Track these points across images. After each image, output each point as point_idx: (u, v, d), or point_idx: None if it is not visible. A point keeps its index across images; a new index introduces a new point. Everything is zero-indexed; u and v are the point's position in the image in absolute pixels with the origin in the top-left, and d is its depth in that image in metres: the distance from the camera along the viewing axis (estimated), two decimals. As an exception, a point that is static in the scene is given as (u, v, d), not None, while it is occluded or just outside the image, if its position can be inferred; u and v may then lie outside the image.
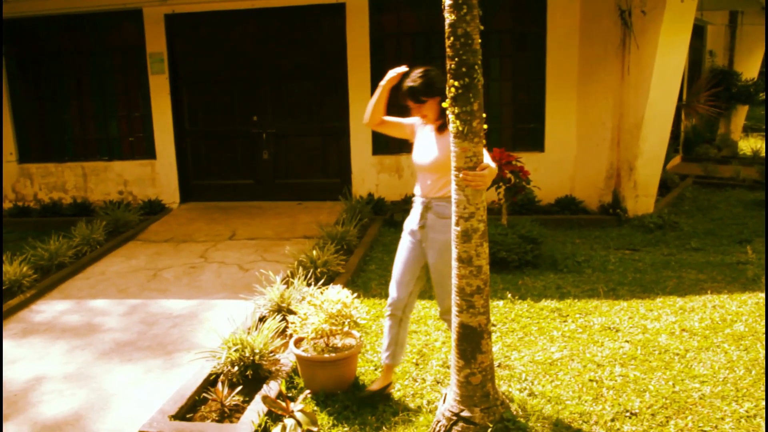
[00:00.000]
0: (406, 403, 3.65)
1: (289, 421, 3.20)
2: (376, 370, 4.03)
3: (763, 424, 3.33)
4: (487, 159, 3.08)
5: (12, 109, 9.00)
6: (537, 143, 8.12)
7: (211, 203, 8.80)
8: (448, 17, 2.92)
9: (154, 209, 8.51)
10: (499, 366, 4.02)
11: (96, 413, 3.73)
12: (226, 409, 3.56)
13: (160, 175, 8.78)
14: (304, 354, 3.73)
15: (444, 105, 3.05)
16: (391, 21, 8.19)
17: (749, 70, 12.67)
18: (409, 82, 3.40)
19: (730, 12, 12.15)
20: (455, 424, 3.17)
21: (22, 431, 3.57)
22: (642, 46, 7.26)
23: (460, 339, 3.17)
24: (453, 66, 2.94)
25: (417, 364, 4.10)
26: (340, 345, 3.81)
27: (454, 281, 3.16)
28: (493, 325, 4.62)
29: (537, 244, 5.99)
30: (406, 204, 6.60)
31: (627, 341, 4.35)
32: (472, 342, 3.15)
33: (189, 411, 3.61)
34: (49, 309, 5.43)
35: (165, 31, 8.39)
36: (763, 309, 4.80)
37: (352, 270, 5.79)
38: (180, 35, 8.51)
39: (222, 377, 3.81)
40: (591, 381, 3.82)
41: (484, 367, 3.18)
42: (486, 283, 3.14)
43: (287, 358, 4.05)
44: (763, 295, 5.08)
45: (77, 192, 9.01)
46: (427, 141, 3.49)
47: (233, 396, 3.61)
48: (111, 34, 8.67)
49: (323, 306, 3.71)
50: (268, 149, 8.67)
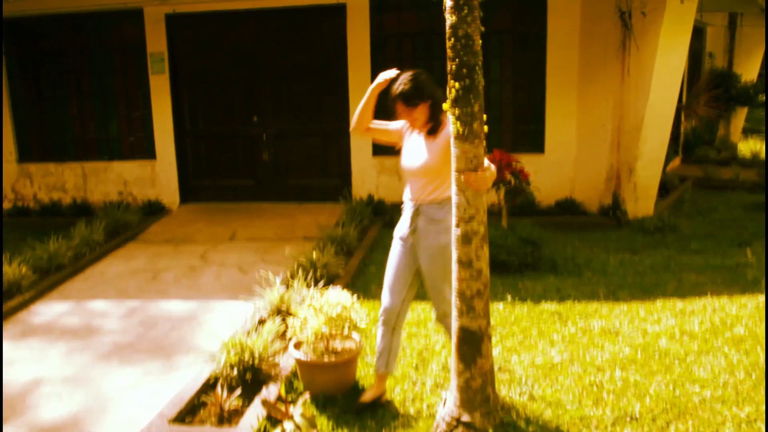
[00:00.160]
0: (406, 407, 3.64)
1: (288, 425, 3.19)
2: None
3: (763, 428, 3.33)
4: (485, 161, 3.07)
5: (12, 108, 8.99)
6: (537, 145, 8.12)
7: (211, 204, 8.78)
8: (449, 18, 2.91)
9: (154, 210, 8.50)
10: (499, 369, 4.01)
11: (94, 416, 3.71)
12: (225, 413, 3.55)
13: (160, 175, 8.77)
14: (303, 357, 3.72)
15: (444, 107, 3.04)
16: (391, 22, 8.19)
17: (748, 72, 12.67)
18: (399, 87, 3.35)
19: (730, 14, 12.15)
20: (455, 428, 3.16)
21: (20, 434, 3.57)
22: (642, 47, 7.26)
23: (460, 342, 3.16)
24: (454, 67, 2.93)
25: (417, 368, 4.09)
26: (339, 348, 3.80)
27: (454, 284, 3.15)
28: (493, 328, 4.61)
29: (537, 247, 5.98)
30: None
31: (627, 344, 4.34)
32: (473, 346, 3.14)
33: (188, 414, 3.60)
34: (48, 310, 5.41)
35: (165, 30, 8.38)
36: (764, 312, 4.80)
37: (351, 272, 5.79)
38: (180, 35, 8.50)
39: (221, 380, 3.80)
40: (591, 385, 3.82)
41: (485, 371, 3.17)
42: (486, 287, 3.13)
43: (287, 361, 4.04)
44: (763, 298, 5.07)
45: (77, 192, 8.99)
46: (416, 145, 3.45)
47: (232, 399, 3.59)
48: (111, 34, 8.66)
49: (323, 309, 3.70)
50: (268, 150, 8.66)
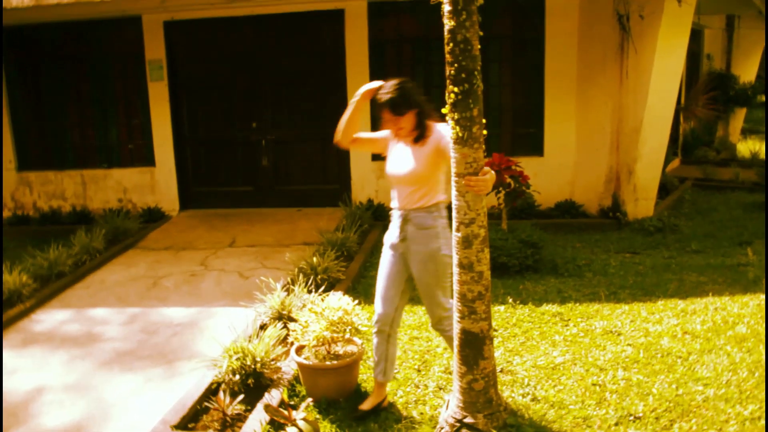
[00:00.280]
0: (408, 410, 3.63)
1: (291, 430, 3.19)
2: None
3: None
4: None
5: (11, 116, 8.99)
6: (536, 148, 8.13)
7: (210, 210, 8.78)
8: (448, 23, 2.92)
9: (154, 217, 8.50)
10: (501, 371, 4.01)
11: (97, 424, 3.71)
12: (228, 419, 3.55)
13: (159, 182, 8.77)
14: (305, 362, 3.72)
15: (443, 111, 3.04)
16: (389, 27, 8.20)
17: (747, 73, 12.71)
18: (386, 95, 3.31)
19: (727, 16, 12.19)
20: (458, 430, 3.16)
21: (22, 442, 3.56)
22: (640, 50, 7.28)
23: (462, 345, 3.16)
24: (452, 72, 2.94)
25: (419, 371, 4.09)
26: (341, 352, 3.80)
27: (455, 287, 3.15)
28: (495, 330, 4.61)
29: (537, 249, 5.98)
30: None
31: (629, 345, 4.34)
32: (475, 348, 3.14)
33: (191, 421, 3.60)
34: (49, 318, 5.41)
35: (164, 37, 8.39)
36: (765, 311, 4.79)
37: (352, 276, 5.78)
38: (179, 42, 8.52)
39: (223, 386, 3.80)
40: (594, 385, 3.81)
41: (487, 373, 3.17)
42: (487, 289, 3.13)
43: (289, 366, 4.04)
44: (764, 297, 5.07)
45: (76, 200, 8.99)
46: (403, 153, 3.43)
47: (235, 405, 3.59)
48: (110, 42, 8.67)
49: (324, 313, 3.70)
50: (267, 156, 8.67)
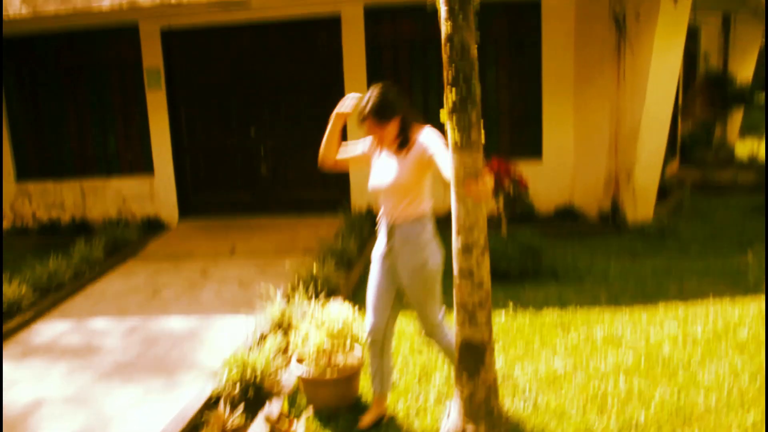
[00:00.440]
0: (409, 421, 3.62)
1: (292, 442, 3.17)
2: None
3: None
4: None
5: (9, 127, 8.99)
6: (535, 151, 8.11)
7: (210, 219, 8.76)
8: (445, 27, 2.89)
9: (153, 226, 8.48)
10: (502, 380, 3.99)
11: (97, 436, 3.69)
12: (228, 430, 3.53)
13: (158, 191, 8.76)
14: (306, 373, 3.70)
15: (441, 116, 3.02)
16: (386, 31, 8.19)
17: (744, 70, 12.68)
18: (369, 103, 3.23)
19: (723, 14, 12.18)
20: (460, 441, 3.14)
21: (22, 457, 3.54)
22: (637, 51, 7.27)
23: (462, 354, 3.15)
24: (450, 76, 2.91)
25: (420, 381, 4.07)
26: (342, 363, 3.77)
27: (455, 295, 3.13)
28: (495, 338, 4.59)
29: (537, 255, 5.97)
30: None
31: (630, 352, 4.32)
32: (476, 357, 3.12)
33: (191, 432, 3.58)
34: (49, 330, 5.40)
35: (162, 46, 8.38)
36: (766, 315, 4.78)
37: (352, 284, 5.77)
38: (177, 50, 8.51)
39: (223, 397, 3.78)
40: (595, 393, 3.80)
41: (488, 383, 3.15)
42: (488, 297, 3.11)
43: (289, 377, 4.03)
44: (765, 301, 5.05)
45: (75, 210, 8.98)
46: (386, 163, 3.36)
47: (235, 417, 3.57)
48: (107, 51, 8.66)
49: (324, 323, 3.68)
50: (266, 163, 8.66)
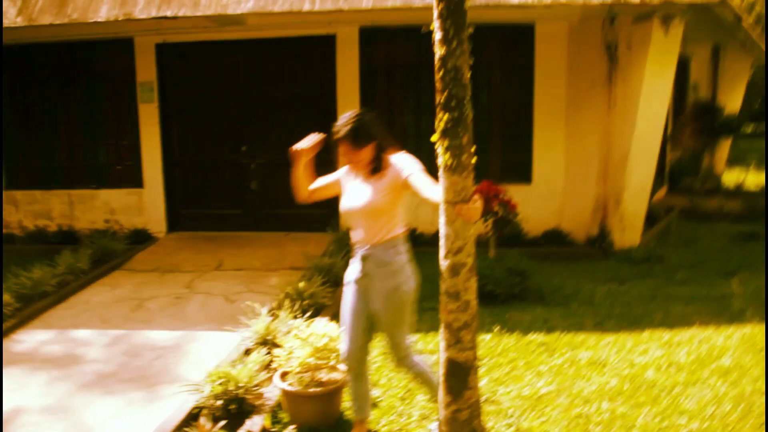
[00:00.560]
0: (392, 439, 3.60)
1: (272, 458, 3.14)
2: (362, 404, 3.97)
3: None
4: None
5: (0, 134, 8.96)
6: (524, 175, 8.17)
7: (198, 233, 8.73)
8: (439, 51, 2.94)
9: (141, 238, 8.43)
10: (485, 401, 3.98)
11: (75, 448, 3.65)
12: (209, 445, 3.50)
13: (147, 204, 8.73)
14: (289, 388, 3.69)
15: (433, 139, 3.05)
16: (380, 53, 8.26)
17: (732, 102, 12.88)
18: (345, 128, 3.30)
19: (713, 46, 12.40)
20: (442, 461, 3.12)
21: (-2, 467, 3.49)
22: (628, 79, 7.38)
23: (447, 374, 3.14)
24: (443, 99, 2.95)
25: (403, 399, 4.06)
26: (325, 379, 3.76)
27: (441, 316, 3.14)
28: (480, 359, 4.59)
29: (524, 277, 5.98)
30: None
31: (614, 376, 4.34)
32: (460, 377, 3.12)
33: (171, 446, 3.54)
34: (30, 339, 5.33)
35: (156, 60, 8.41)
36: (749, 343, 4.81)
37: (339, 302, 5.73)
38: (170, 64, 8.54)
39: (205, 411, 3.75)
40: (578, 417, 3.80)
41: (471, 403, 3.15)
42: (474, 318, 3.12)
43: (272, 392, 4.00)
44: (749, 329, 5.09)
45: (63, 220, 8.92)
46: (358, 186, 3.39)
47: (216, 431, 3.54)
48: (101, 63, 8.67)
49: (309, 339, 3.67)
50: (256, 179, 8.66)
